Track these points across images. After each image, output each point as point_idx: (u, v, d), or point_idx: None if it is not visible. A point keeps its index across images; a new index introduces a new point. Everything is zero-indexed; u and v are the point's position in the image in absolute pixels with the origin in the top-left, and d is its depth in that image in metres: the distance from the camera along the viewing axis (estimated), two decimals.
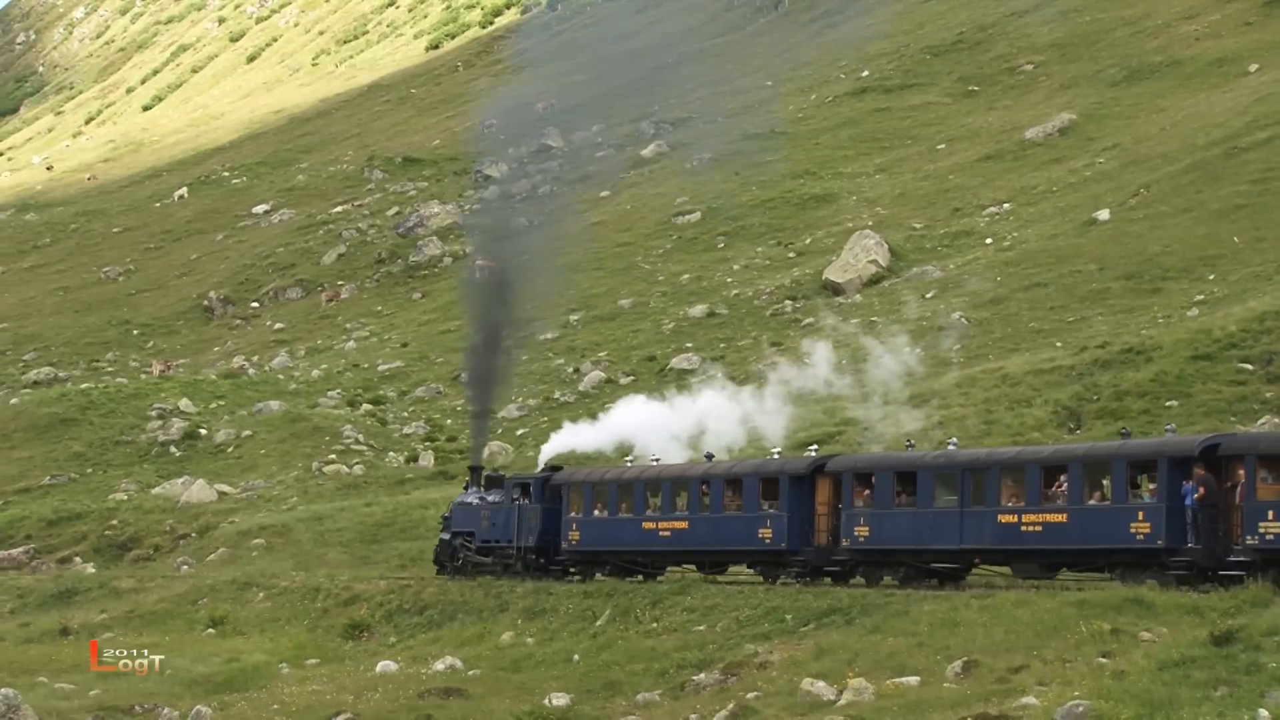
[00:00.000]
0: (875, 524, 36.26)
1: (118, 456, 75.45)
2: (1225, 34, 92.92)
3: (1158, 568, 31.14)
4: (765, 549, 38.66)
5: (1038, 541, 33.17)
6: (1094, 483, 32.54)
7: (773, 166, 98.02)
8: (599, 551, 43.17)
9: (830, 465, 38.08)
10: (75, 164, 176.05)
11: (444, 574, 46.86)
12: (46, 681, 37.24)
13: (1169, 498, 30.83)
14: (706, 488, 40.46)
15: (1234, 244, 62.30)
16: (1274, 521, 28.95)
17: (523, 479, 46.34)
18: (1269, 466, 29.48)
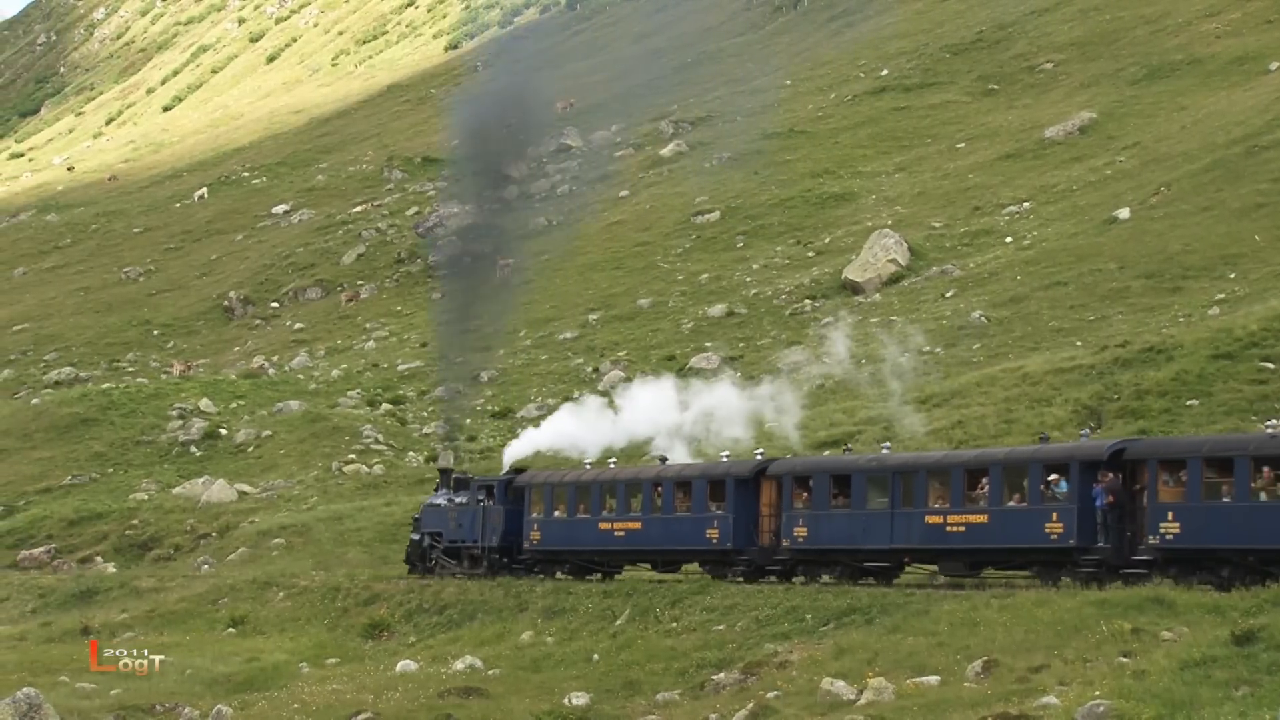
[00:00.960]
0: (813, 525, 37.81)
1: (138, 456, 75.63)
2: (1246, 32, 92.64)
3: (1070, 566, 32.79)
4: (712, 549, 40.18)
5: (962, 541, 34.86)
6: (1013, 485, 34.10)
7: (792, 166, 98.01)
8: (559, 551, 44.72)
9: (772, 469, 39.60)
10: (96, 164, 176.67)
11: (414, 573, 48.19)
12: (68, 681, 37.36)
13: (1080, 499, 32.44)
14: (658, 490, 41.95)
15: (1255, 242, 62.11)
16: (1173, 522, 30.78)
17: (487, 481, 47.84)
18: (1170, 470, 31.30)
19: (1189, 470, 31.06)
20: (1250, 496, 29.91)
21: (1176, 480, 31.34)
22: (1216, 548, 30.62)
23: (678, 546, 41.71)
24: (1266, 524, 29.65)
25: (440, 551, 47.78)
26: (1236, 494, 30.22)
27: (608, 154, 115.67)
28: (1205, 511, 30.62)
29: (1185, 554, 31.04)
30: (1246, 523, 29.98)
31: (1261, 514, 29.71)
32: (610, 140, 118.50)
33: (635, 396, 50.87)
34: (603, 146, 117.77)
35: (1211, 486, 30.76)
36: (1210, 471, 30.76)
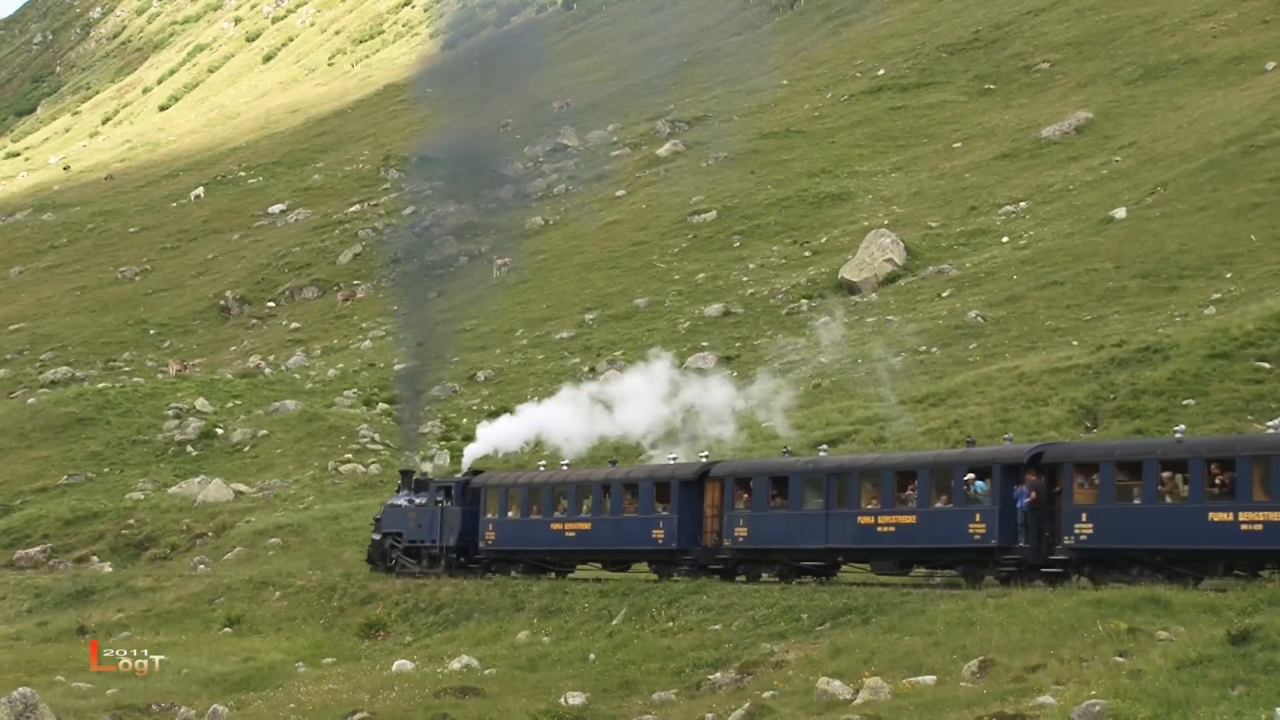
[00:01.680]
0: (753, 525, 39.23)
1: (134, 456, 75.59)
2: (1242, 32, 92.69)
3: (993, 565, 34.36)
4: (658, 548, 41.50)
5: (892, 541, 36.33)
6: (940, 487, 35.43)
7: (788, 165, 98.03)
8: (513, 551, 46.02)
9: (715, 471, 40.91)
10: (92, 164, 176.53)
11: (376, 571, 49.41)
12: (64, 680, 37.33)
13: (1002, 501, 33.91)
14: (607, 492, 43.16)
15: (1251, 242, 62.15)
16: (1086, 523, 32.41)
17: (445, 482, 49.13)
18: (1084, 473, 32.91)
19: (1101, 473, 32.65)
20: (1157, 499, 31.65)
21: (1090, 483, 32.83)
22: (1126, 548, 32.25)
23: (625, 546, 42.95)
24: (1171, 525, 31.37)
25: (400, 551, 48.92)
26: (1145, 496, 31.87)
27: (604, 153, 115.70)
28: (1116, 513, 32.23)
29: (1098, 554, 32.60)
30: (1153, 524, 31.68)
31: (1166, 515, 31.43)
32: (606, 140, 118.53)
33: (624, 390, 51.42)
34: (599, 146, 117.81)
35: (1123, 489, 32.33)
36: (1121, 475, 32.38)
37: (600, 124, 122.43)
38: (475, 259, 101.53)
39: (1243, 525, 30.21)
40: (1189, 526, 31.12)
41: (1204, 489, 31.02)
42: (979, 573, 34.89)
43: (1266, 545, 30.14)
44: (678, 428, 48.85)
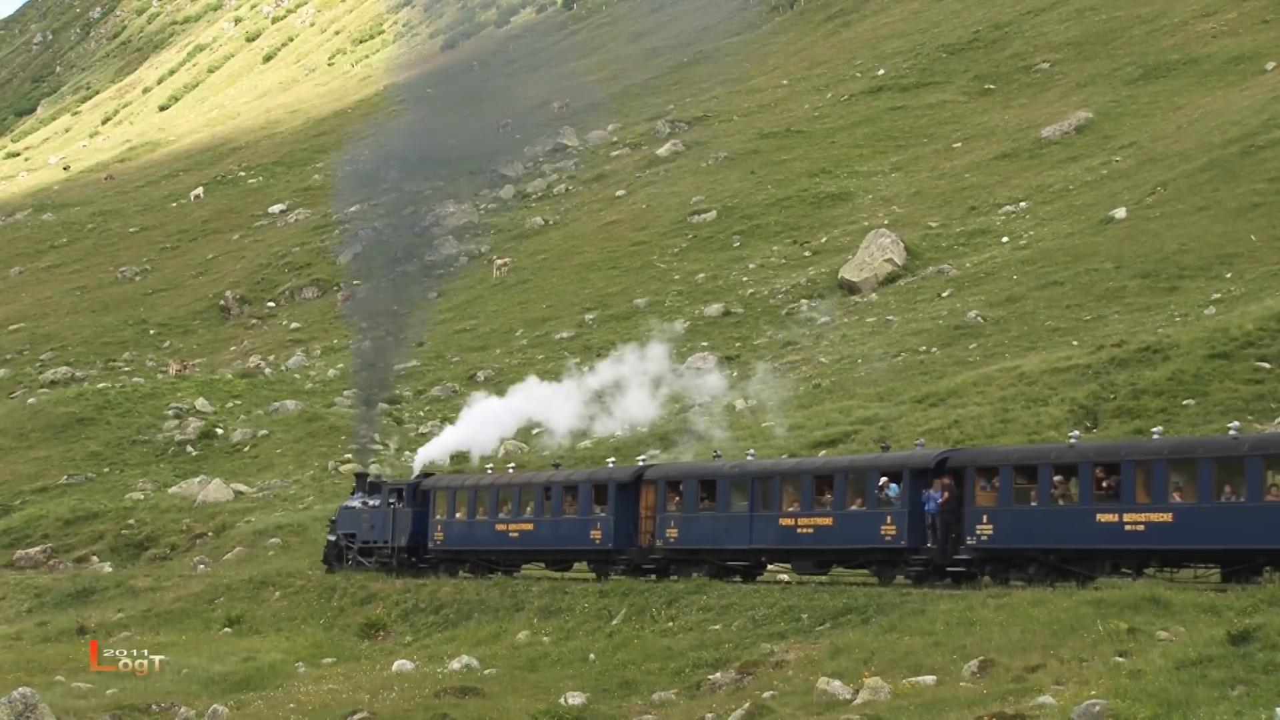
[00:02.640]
0: (683, 526, 41.01)
1: (134, 456, 75.63)
2: (1242, 32, 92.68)
3: (903, 565, 36.15)
4: (596, 548, 43.25)
5: (811, 542, 38.14)
6: (855, 490, 37.32)
7: (788, 165, 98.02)
8: (460, 551, 47.74)
9: (649, 474, 42.83)
10: (92, 164, 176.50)
11: (332, 572, 50.76)
12: (64, 680, 37.34)
13: (911, 503, 35.60)
14: (549, 493, 44.93)
15: (1251, 242, 62.15)
16: (988, 525, 34.21)
17: (396, 485, 50.99)
18: (986, 477, 34.76)
19: (1001, 477, 34.49)
20: (1050, 501, 33.49)
21: (991, 486, 34.62)
22: (1024, 548, 34.01)
23: (566, 546, 44.64)
24: (1063, 526, 33.22)
25: (355, 551, 50.59)
26: (1040, 499, 33.71)
27: (604, 153, 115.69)
28: (1014, 515, 34.04)
29: (998, 553, 34.44)
30: (1047, 525, 33.51)
31: (1059, 517, 33.30)
32: (606, 140, 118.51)
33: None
34: (599, 146, 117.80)
35: (1020, 492, 34.13)
36: (1019, 478, 34.19)
37: (600, 124, 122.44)
38: (475, 259, 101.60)
39: (1127, 526, 31.94)
40: (1079, 527, 32.83)
41: (1092, 492, 32.76)
42: (890, 572, 36.56)
43: (1148, 545, 31.91)
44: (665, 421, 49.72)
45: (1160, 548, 31.99)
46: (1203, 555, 32.14)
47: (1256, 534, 30.31)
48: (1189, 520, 31.31)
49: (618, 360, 56.04)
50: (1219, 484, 31.10)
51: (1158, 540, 31.71)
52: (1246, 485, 30.61)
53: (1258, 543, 30.39)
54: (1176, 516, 31.48)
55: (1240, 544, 30.70)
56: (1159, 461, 31.88)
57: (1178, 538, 31.51)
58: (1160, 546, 31.94)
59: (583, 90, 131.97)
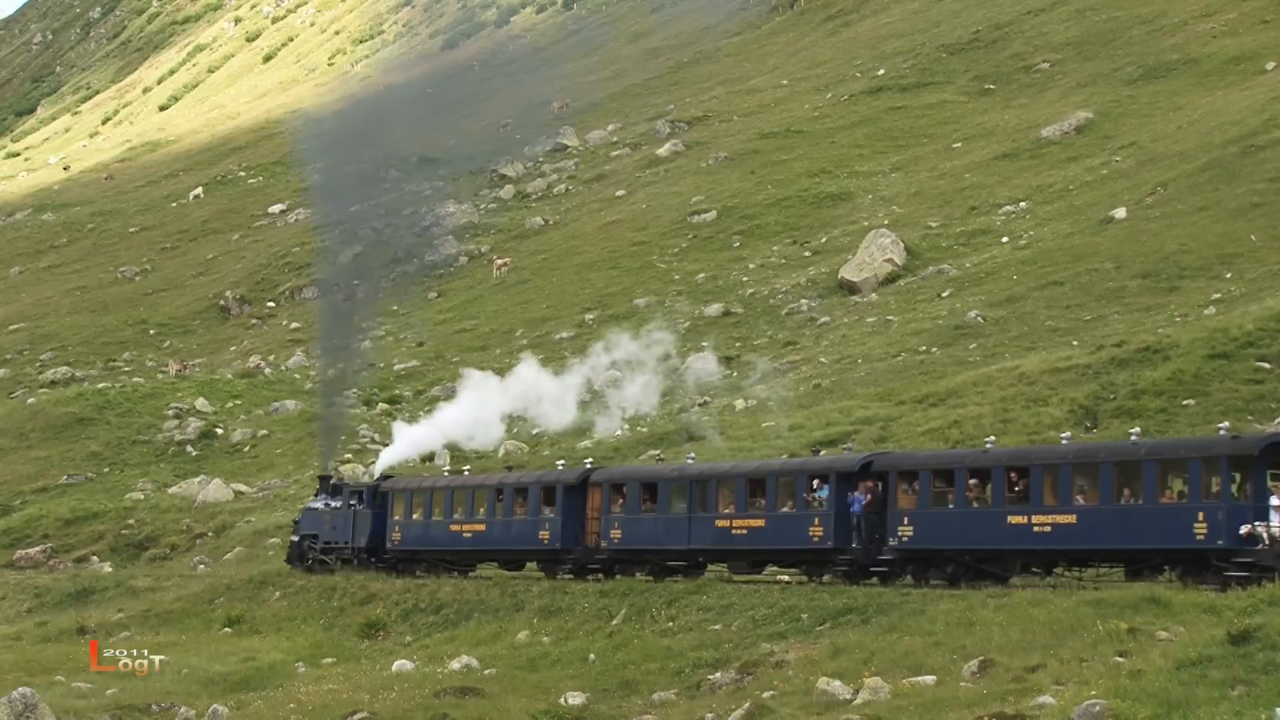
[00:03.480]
0: (626, 527, 42.43)
1: (134, 456, 75.62)
2: (1242, 32, 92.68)
3: (830, 564, 37.62)
4: (544, 548, 44.75)
5: (745, 543, 39.63)
6: (786, 493, 38.76)
7: (788, 165, 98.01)
8: (417, 550, 49.22)
9: (595, 476, 44.21)
10: (92, 164, 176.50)
11: (295, 571, 51.94)
12: (64, 680, 37.32)
13: (837, 506, 37.05)
14: (500, 495, 46.48)
15: (1251, 242, 62.15)
16: (908, 526, 35.74)
17: (356, 487, 52.60)
18: (907, 480, 36.20)
19: (921, 481, 35.96)
20: (966, 504, 34.96)
21: (912, 490, 36.07)
22: (941, 549, 35.59)
23: (516, 546, 46.18)
24: (977, 527, 34.70)
25: (317, 552, 51.92)
26: (956, 502, 35.22)
27: (604, 153, 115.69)
28: (932, 517, 35.57)
29: (918, 554, 35.99)
30: (963, 526, 35.04)
31: (973, 519, 34.73)
32: (607, 140, 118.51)
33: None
34: (599, 146, 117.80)
35: (938, 495, 35.61)
36: (938, 482, 35.72)
37: (600, 124, 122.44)
38: (475, 259, 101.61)
39: (1035, 528, 33.44)
40: (992, 529, 34.36)
41: (1004, 495, 34.26)
42: (819, 572, 38.10)
43: (1055, 545, 33.46)
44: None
45: (1066, 548, 33.51)
46: (1105, 555, 33.60)
47: (1153, 535, 31.77)
48: (1091, 522, 32.69)
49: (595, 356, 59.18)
50: (1119, 487, 32.50)
51: (1063, 541, 33.18)
52: (1143, 488, 32.05)
53: (1154, 543, 31.85)
54: (1080, 518, 32.83)
55: (1138, 544, 32.17)
56: (1064, 466, 33.38)
57: (1081, 539, 32.95)
58: (1066, 547, 33.45)
59: (583, 90, 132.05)
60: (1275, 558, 30.03)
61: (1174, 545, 31.39)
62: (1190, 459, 31.64)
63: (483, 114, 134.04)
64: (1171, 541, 31.39)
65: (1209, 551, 30.85)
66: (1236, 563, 30.43)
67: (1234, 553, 30.47)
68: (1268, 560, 30.02)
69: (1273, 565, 29.86)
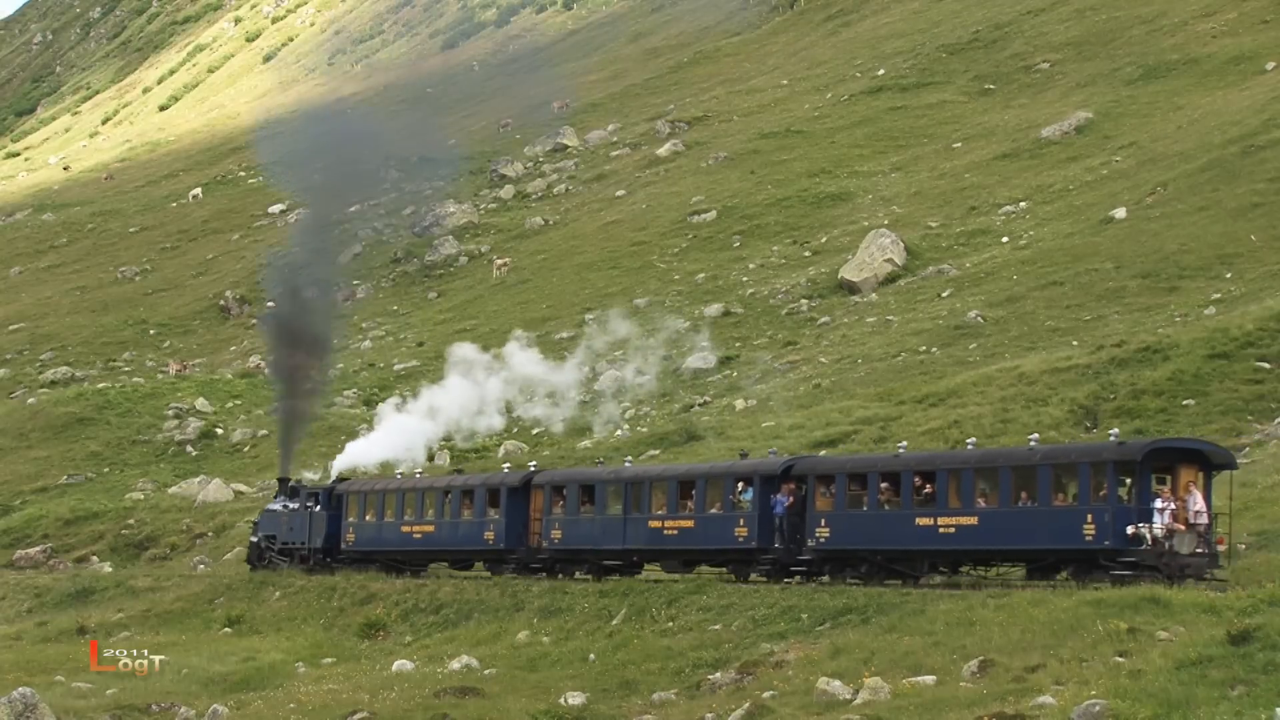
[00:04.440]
0: (566, 528, 44.06)
1: (134, 456, 75.62)
2: (1242, 32, 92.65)
3: (754, 564, 39.08)
4: (489, 548, 46.45)
5: (676, 543, 41.23)
6: (714, 495, 40.38)
7: (788, 165, 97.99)
8: (370, 551, 51.01)
9: (537, 479, 45.76)
10: (92, 164, 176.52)
11: (254, 571, 53.83)
12: (64, 680, 37.35)
13: (761, 507, 38.58)
14: (448, 497, 48.26)
15: (1251, 242, 62.14)
16: (825, 528, 37.41)
17: (313, 489, 54.44)
18: (824, 483, 37.86)
19: (837, 484, 37.63)
20: (878, 506, 36.63)
21: (829, 492, 37.79)
22: (856, 549, 37.17)
23: (463, 547, 48.00)
24: (888, 529, 36.34)
25: (275, 552, 53.94)
26: (869, 504, 36.90)
27: (604, 153, 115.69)
28: (847, 518, 37.25)
29: (835, 554, 37.55)
30: (875, 528, 36.70)
31: (884, 520, 36.41)
32: (606, 140, 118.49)
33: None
34: (599, 146, 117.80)
35: (853, 497, 37.29)
36: (853, 485, 37.38)
37: (600, 124, 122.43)
38: (475, 259, 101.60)
39: (941, 529, 35.11)
40: (901, 530, 35.97)
41: (913, 498, 35.83)
42: (745, 571, 39.52)
43: (959, 546, 35.18)
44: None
45: (969, 548, 35.26)
46: (1005, 555, 35.39)
47: (1046, 535, 33.45)
48: (992, 523, 34.33)
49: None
50: (1017, 491, 34.07)
51: (966, 542, 34.94)
52: (1039, 492, 33.62)
53: (1048, 543, 33.58)
54: (981, 520, 34.50)
55: (1034, 544, 33.93)
56: (967, 470, 35.10)
57: (983, 539, 34.65)
58: (969, 547, 35.18)
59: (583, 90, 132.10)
60: (1157, 557, 31.48)
61: (1066, 545, 33.02)
62: (1080, 464, 33.36)
63: (482, 114, 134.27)
64: (1063, 542, 33.02)
65: (1097, 551, 32.43)
66: (1122, 562, 31.94)
67: (1120, 552, 31.98)
68: (1150, 560, 31.55)
69: (1155, 564, 31.41)
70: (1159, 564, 31.35)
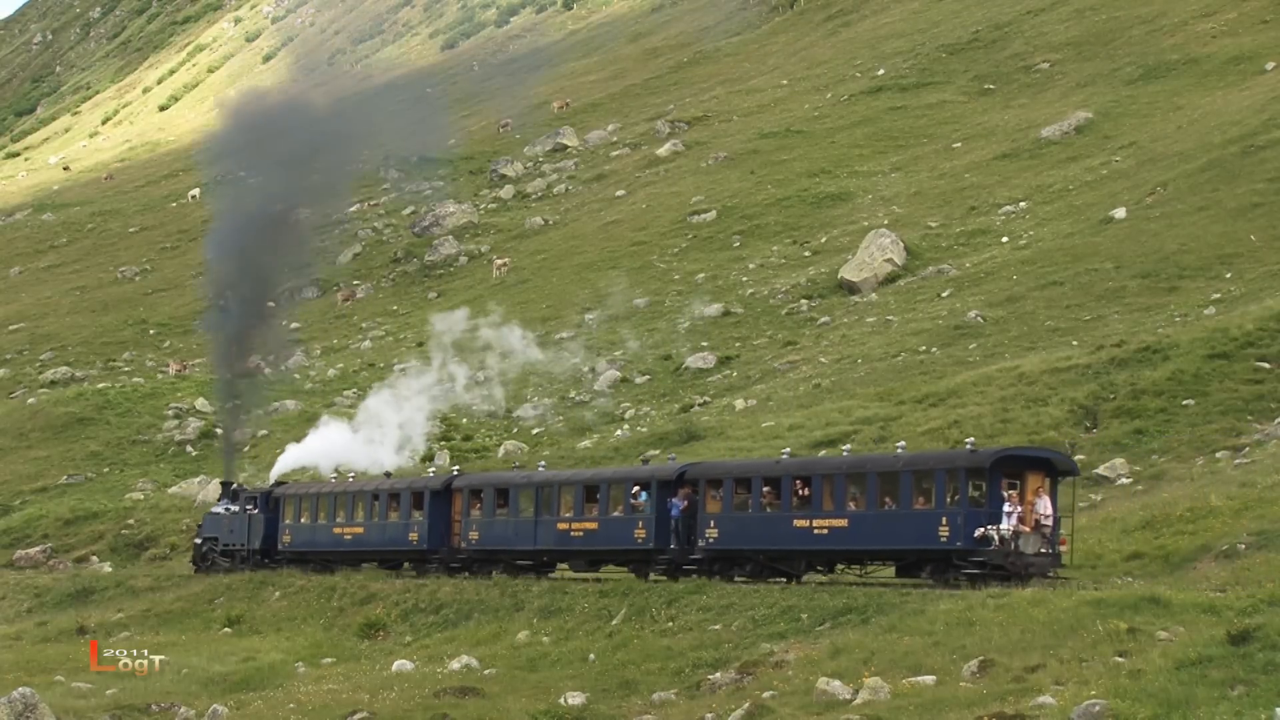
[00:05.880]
0: (483, 529, 46.49)
1: (134, 456, 75.62)
2: (1242, 32, 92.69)
3: (652, 563, 41.22)
4: (413, 549, 48.86)
5: (581, 544, 43.58)
6: (616, 499, 42.51)
7: (788, 165, 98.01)
8: (304, 551, 53.30)
9: (457, 483, 47.94)
10: (92, 164, 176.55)
11: (199, 571, 56.13)
12: (63, 680, 37.34)
13: (658, 510, 40.86)
14: (376, 500, 50.49)
15: (1251, 242, 62.15)
16: (714, 529, 39.67)
17: (252, 493, 56.71)
18: (714, 487, 40.15)
19: (724, 488, 39.92)
20: (761, 509, 38.81)
21: (718, 496, 40.03)
22: (741, 549, 39.38)
23: (390, 547, 50.19)
24: (769, 530, 38.60)
25: (218, 553, 56.01)
26: (753, 507, 39.09)
27: (604, 153, 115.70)
28: (734, 520, 39.45)
29: (723, 554, 39.65)
30: (758, 529, 38.97)
31: (766, 522, 38.66)
32: (606, 140, 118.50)
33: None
34: (599, 146, 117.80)
35: (739, 501, 39.51)
36: (739, 489, 39.62)
37: (600, 124, 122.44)
38: (475, 259, 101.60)
39: (816, 530, 37.44)
40: (781, 531, 38.26)
41: (792, 501, 38.06)
42: (645, 570, 41.64)
43: (832, 546, 37.57)
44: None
45: (841, 549, 37.64)
46: (874, 555, 37.81)
47: (908, 537, 35.89)
48: (860, 525, 36.76)
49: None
50: (882, 495, 36.45)
51: (838, 542, 37.34)
52: (901, 496, 35.98)
53: (909, 544, 36.02)
54: (851, 522, 36.91)
55: (897, 545, 36.45)
56: (839, 475, 37.47)
57: (853, 540, 37.11)
58: (841, 548, 37.57)
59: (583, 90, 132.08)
60: (1004, 557, 33.91)
61: (924, 546, 35.47)
62: (936, 470, 35.67)
63: (482, 114, 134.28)
64: (922, 543, 35.47)
65: (951, 552, 34.87)
66: (973, 561, 34.33)
67: (971, 552, 34.38)
68: (997, 559, 33.99)
69: (1001, 564, 33.89)
70: (1005, 563, 33.81)
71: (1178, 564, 33.53)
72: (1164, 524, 36.18)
